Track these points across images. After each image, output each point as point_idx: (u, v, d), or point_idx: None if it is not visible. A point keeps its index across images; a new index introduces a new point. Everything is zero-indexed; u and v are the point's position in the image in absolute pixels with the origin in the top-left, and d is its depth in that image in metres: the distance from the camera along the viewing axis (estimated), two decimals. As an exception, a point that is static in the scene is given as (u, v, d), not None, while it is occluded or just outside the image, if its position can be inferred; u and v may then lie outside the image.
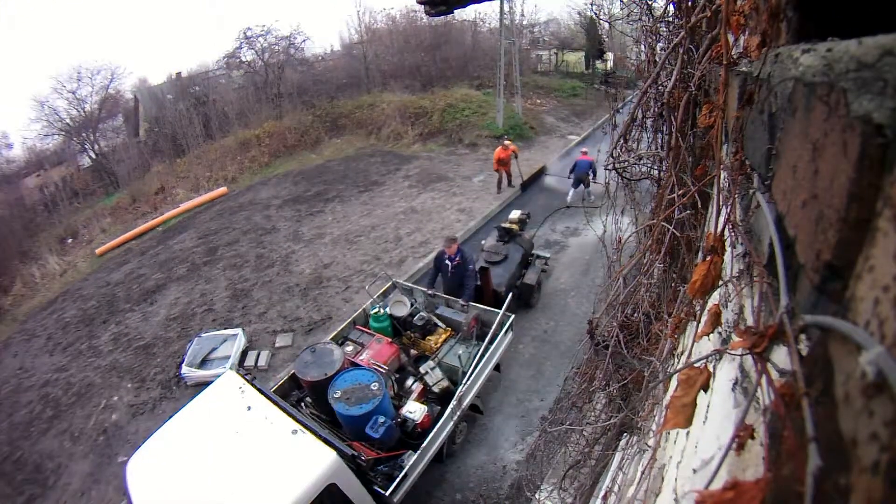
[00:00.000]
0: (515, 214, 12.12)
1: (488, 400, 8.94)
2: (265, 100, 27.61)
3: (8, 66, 38.40)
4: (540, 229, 13.78)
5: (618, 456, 4.24)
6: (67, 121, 26.03)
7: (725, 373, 1.37)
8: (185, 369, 10.31)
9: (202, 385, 10.00)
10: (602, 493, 4.21)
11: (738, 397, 1.20)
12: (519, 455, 7.96)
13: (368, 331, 8.45)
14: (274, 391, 7.07)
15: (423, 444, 6.57)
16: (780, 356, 0.84)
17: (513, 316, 8.55)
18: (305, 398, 7.25)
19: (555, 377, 9.13)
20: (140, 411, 9.97)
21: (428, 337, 8.50)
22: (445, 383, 7.57)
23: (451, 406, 7.07)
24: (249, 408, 5.77)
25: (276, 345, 11.04)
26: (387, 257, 13.89)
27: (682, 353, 2.57)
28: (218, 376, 9.85)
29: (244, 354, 10.69)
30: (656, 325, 3.37)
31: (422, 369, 7.68)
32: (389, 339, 8.14)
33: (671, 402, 1.02)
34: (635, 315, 3.83)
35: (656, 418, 2.95)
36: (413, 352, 8.26)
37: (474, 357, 7.76)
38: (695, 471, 1.52)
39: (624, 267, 3.65)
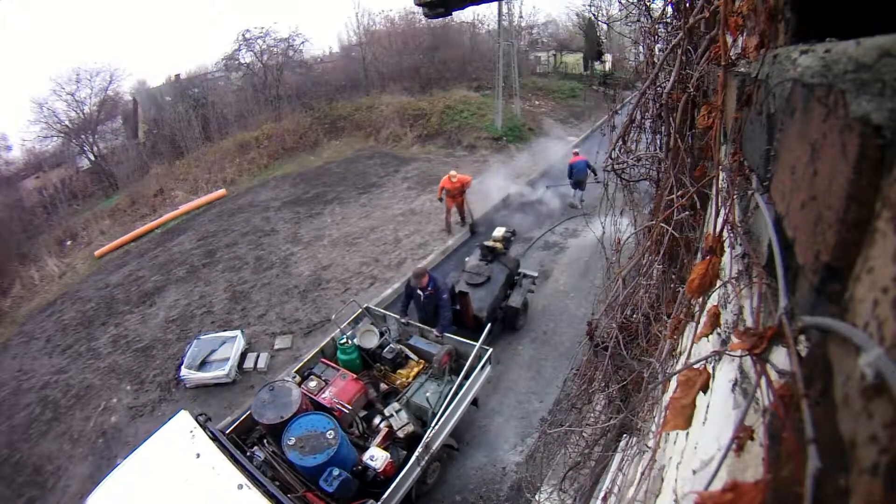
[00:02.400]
0: (499, 232, 11.28)
1: (487, 402, 8.94)
2: (264, 102, 27.61)
3: (7, 68, 38.41)
4: (544, 233, 13.80)
5: (617, 457, 4.24)
6: (66, 123, 25.99)
7: (725, 374, 1.37)
8: (184, 371, 10.30)
9: (201, 387, 10.05)
10: (602, 495, 4.21)
11: (738, 398, 1.20)
12: (519, 456, 7.96)
13: (334, 365, 7.92)
14: (235, 428, 6.87)
15: (385, 495, 6.18)
16: (780, 357, 0.84)
17: (490, 350, 8.03)
18: (266, 436, 6.85)
19: (554, 378, 9.13)
20: (139, 413, 9.97)
21: (399, 370, 8.04)
22: (411, 428, 7.03)
23: (416, 453, 6.61)
24: (198, 455, 5.57)
25: (276, 347, 11.03)
26: (386, 259, 13.89)
27: (682, 353, 2.57)
28: (216, 379, 9.97)
29: (243, 356, 10.67)
30: (655, 326, 3.37)
31: (386, 411, 7.17)
32: (354, 376, 7.62)
33: (671, 404, 1.02)
34: (634, 316, 3.83)
35: (656, 419, 2.95)
36: (383, 386, 7.80)
37: (445, 397, 7.30)
38: (694, 472, 1.52)
39: (623, 268, 3.65)
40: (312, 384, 7.48)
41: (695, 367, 1.03)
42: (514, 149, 21.75)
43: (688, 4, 2.57)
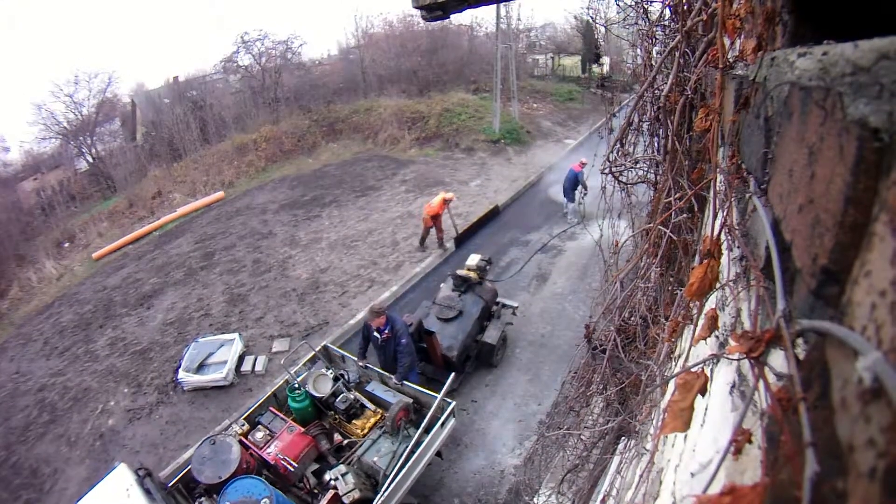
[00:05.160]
0: (474, 260, 10.22)
1: (485, 404, 8.94)
2: (262, 104, 27.63)
3: (6, 70, 38.44)
4: (543, 244, 13.72)
5: (616, 460, 4.24)
6: (65, 124, 26.04)
7: (723, 376, 1.37)
8: (181, 374, 10.30)
9: (199, 390, 10.04)
10: (600, 498, 4.20)
11: (736, 401, 1.20)
12: (517, 459, 7.95)
13: (281, 415, 7.37)
14: (182, 477, 6.51)
15: None
16: (778, 359, 0.84)
17: (453, 403, 7.38)
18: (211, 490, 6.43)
19: (552, 381, 9.12)
20: (137, 416, 9.95)
21: (354, 420, 7.40)
22: (358, 494, 6.33)
23: None
24: None
25: (273, 350, 11.02)
26: (384, 262, 13.90)
27: (680, 356, 2.57)
28: (214, 382, 9.95)
29: (241, 359, 10.67)
30: (653, 328, 3.37)
31: (332, 474, 6.48)
32: (302, 430, 6.97)
33: (669, 407, 1.01)
34: (632, 319, 3.83)
35: (654, 422, 2.95)
36: (337, 437, 7.18)
37: (400, 456, 6.60)
38: (693, 474, 1.52)
39: (621, 271, 3.65)
40: (259, 436, 7.05)
41: (693, 370, 1.03)
42: (512, 151, 21.80)
43: (685, 7, 2.57)
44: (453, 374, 7.82)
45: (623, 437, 4.28)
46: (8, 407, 11.20)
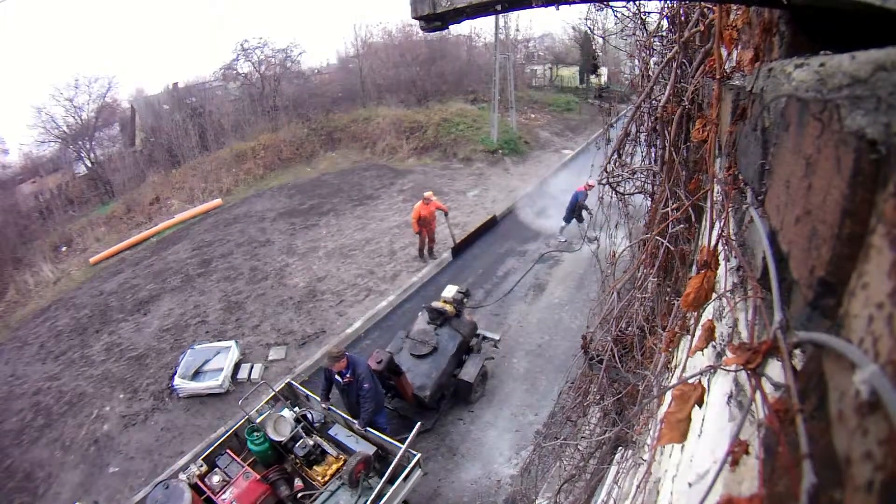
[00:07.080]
0: (451, 292, 9.55)
1: (482, 414, 8.91)
2: (261, 112, 27.59)
3: (7, 73, 38.47)
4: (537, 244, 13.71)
5: (613, 470, 4.23)
6: (64, 128, 25.97)
7: (720, 386, 1.37)
8: (177, 381, 10.27)
9: (195, 397, 10.01)
10: (596, 508, 4.19)
11: (734, 411, 1.20)
12: (513, 469, 7.93)
13: (238, 459, 7.05)
14: None
15: None
16: (775, 369, 0.84)
17: (418, 455, 6.89)
18: None
19: (549, 391, 9.11)
20: (132, 422, 9.90)
21: (315, 466, 7.06)
22: None
23: None
24: None
25: (270, 358, 10.99)
26: (381, 271, 13.89)
27: (677, 366, 2.57)
28: (210, 389, 9.92)
29: (237, 367, 10.64)
30: (650, 339, 3.37)
31: None
32: (258, 476, 6.70)
33: (666, 418, 1.01)
34: (629, 329, 3.83)
35: (651, 432, 2.94)
36: (298, 483, 6.88)
37: None
38: (690, 485, 1.51)
39: (618, 281, 3.65)
40: (216, 479, 6.78)
41: (690, 381, 1.03)
42: (510, 161, 21.84)
43: (683, 18, 2.59)
44: (418, 423, 7.35)
45: (620, 448, 4.27)
46: (2, 410, 11.14)
